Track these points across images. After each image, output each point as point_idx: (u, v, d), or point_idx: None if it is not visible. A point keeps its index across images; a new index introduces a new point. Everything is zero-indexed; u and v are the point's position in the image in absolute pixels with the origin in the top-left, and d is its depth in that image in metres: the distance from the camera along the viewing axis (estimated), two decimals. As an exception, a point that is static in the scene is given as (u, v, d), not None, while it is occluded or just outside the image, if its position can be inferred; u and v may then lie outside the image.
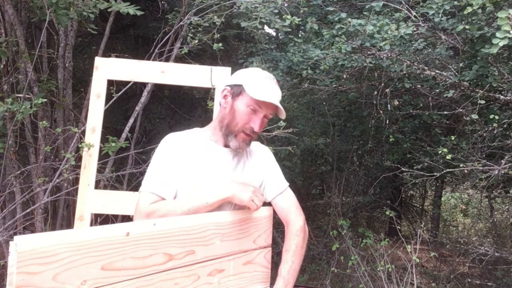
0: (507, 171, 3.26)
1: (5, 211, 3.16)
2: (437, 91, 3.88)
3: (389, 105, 4.04)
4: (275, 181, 1.56)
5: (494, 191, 4.96)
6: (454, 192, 8.39)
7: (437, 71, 3.63)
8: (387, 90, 3.82)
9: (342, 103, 5.84)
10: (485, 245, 4.23)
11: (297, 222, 1.52)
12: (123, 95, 3.37)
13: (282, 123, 3.12)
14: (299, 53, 4.01)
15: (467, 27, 2.98)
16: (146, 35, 5.30)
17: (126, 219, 2.67)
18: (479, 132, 3.61)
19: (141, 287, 1.15)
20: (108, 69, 2.02)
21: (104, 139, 2.85)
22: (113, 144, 3.12)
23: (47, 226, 3.46)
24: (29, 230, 3.53)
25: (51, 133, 3.61)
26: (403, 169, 4.09)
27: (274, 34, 6.62)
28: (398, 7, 3.55)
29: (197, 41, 3.46)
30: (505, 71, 3.28)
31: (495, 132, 3.37)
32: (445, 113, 4.03)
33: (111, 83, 2.33)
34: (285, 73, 4.25)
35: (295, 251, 1.46)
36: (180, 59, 3.78)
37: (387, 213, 4.47)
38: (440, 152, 3.47)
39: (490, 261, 4.16)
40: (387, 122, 4.10)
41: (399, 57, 3.57)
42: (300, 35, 5.00)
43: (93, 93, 2.01)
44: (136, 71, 2.07)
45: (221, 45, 3.31)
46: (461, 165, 3.41)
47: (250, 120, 1.40)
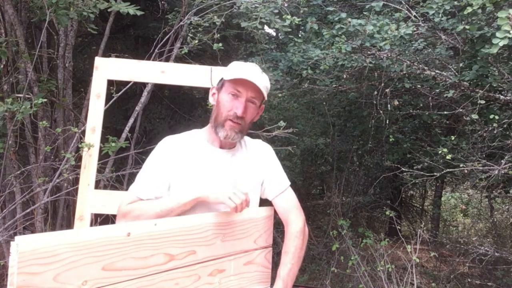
0: (507, 171, 3.26)
1: (5, 211, 3.15)
2: (437, 91, 3.88)
3: (389, 105, 4.04)
4: (275, 180, 1.55)
5: (494, 191, 4.96)
6: (454, 192, 8.38)
7: (437, 71, 3.63)
8: (387, 90, 3.81)
9: (342, 103, 5.84)
10: (485, 245, 4.23)
11: (297, 223, 1.50)
12: (123, 95, 3.37)
13: (282, 123, 3.12)
14: (299, 53, 4.00)
15: (467, 27, 2.98)
16: (146, 35, 5.30)
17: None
18: (479, 132, 3.61)
19: (142, 287, 1.16)
20: (108, 69, 2.02)
21: (104, 139, 2.85)
22: (113, 144, 3.12)
23: (47, 226, 3.46)
24: (29, 230, 3.53)
25: (51, 133, 3.61)
26: (403, 169, 4.09)
27: (274, 34, 6.62)
28: (398, 7, 3.55)
29: (197, 41, 3.46)
30: (505, 71, 3.28)
31: (495, 132, 3.37)
32: (445, 113, 4.03)
33: (111, 83, 2.33)
34: (285, 73, 4.25)
35: (294, 253, 1.45)
36: (180, 59, 3.77)
37: (387, 213, 4.47)
38: (440, 152, 3.47)
39: (490, 261, 4.16)
40: (387, 122, 4.10)
41: (399, 57, 3.57)
42: (300, 35, 5.00)
43: (93, 93, 2.01)
44: (136, 71, 2.07)
45: (221, 45, 3.31)
46: (461, 165, 3.41)
47: (233, 106, 1.40)
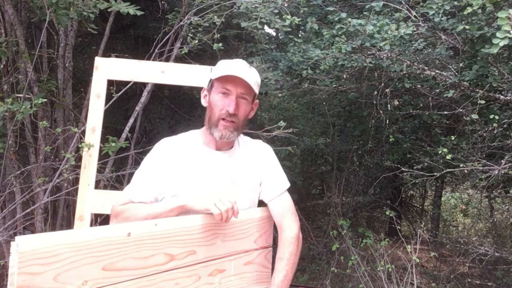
0: (507, 171, 3.26)
1: (5, 211, 3.15)
2: (437, 91, 3.88)
3: (389, 105, 4.03)
4: (273, 183, 1.54)
5: (494, 191, 4.96)
6: (454, 192, 8.38)
7: (437, 71, 3.63)
8: (387, 90, 3.81)
9: (342, 103, 5.84)
10: (485, 245, 4.23)
11: (292, 229, 1.49)
12: (123, 95, 3.37)
13: (282, 123, 3.12)
14: (299, 53, 4.00)
15: (467, 27, 2.98)
16: (146, 35, 5.29)
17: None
18: (479, 132, 3.61)
19: (142, 287, 1.16)
20: (108, 69, 2.02)
21: (104, 139, 2.85)
22: (113, 144, 3.12)
23: (47, 226, 3.46)
24: (29, 230, 3.53)
25: (51, 133, 3.60)
26: (403, 169, 4.09)
27: (274, 34, 6.62)
28: (398, 7, 3.55)
29: (197, 41, 3.46)
30: (505, 71, 3.28)
31: (495, 132, 3.37)
32: (445, 113, 4.03)
33: (111, 83, 2.32)
34: (285, 73, 4.25)
35: (289, 259, 1.44)
36: (180, 59, 3.77)
37: (387, 213, 4.46)
38: (440, 152, 3.47)
39: (490, 261, 4.16)
40: (387, 122, 4.10)
41: (399, 57, 3.57)
42: (300, 35, 5.00)
43: (93, 93, 2.01)
44: (136, 71, 2.07)
45: (221, 45, 3.31)
46: (461, 165, 3.41)
47: (224, 104, 1.40)
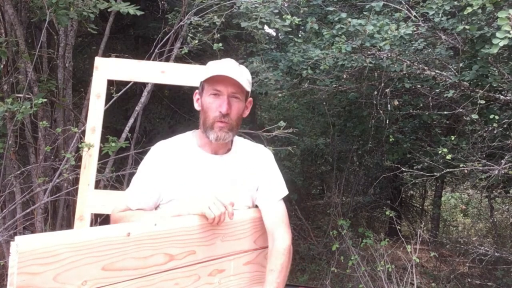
0: (507, 171, 3.26)
1: (5, 211, 3.15)
2: (437, 91, 3.88)
3: (389, 105, 4.03)
4: (268, 190, 1.51)
5: (494, 191, 4.95)
6: (454, 192, 8.37)
7: (437, 71, 3.63)
8: (387, 90, 3.81)
9: (342, 103, 5.84)
10: (485, 245, 4.23)
11: (285, 239, 1.44)
12: (123, 95, 3.37)
13: (282, 123, 3.12)
14: (299, 53, 4.00)
15: (467, 27, 2.98)
16: (146, 35, 5.30)
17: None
18: (479, 132, 3.61)
19: (141, 287, 1.16)
20: (108, 69, 2.02)
21: (104, 139, 2.85)
22: (113, 144, 3.12)
23: (47, 226, 3.46)
24: (29, 230, 3.53)
25: (51, 133, 3.60)
26: (403, 169, 4.09)
27: (274, 34, 6.62)
28: (398, 7, 3.55)
29: (197, 41, 3.46)
30: (505, 71, 3.28)
31: (495, 132, 3.37)
32: (445, 113, 4.03)
33: (111, 83, 2.32)
34: (285, 73, 4.25)
35: (281, 272, 1.39)
36: (180, 59, 3.77)
37: (387, 213, 4.46)
38: (440, 152, 3.47)
39: (490, 261, 4.16)
40: (387, 122, 4.10)
41: (399, 57, 3.57)
42: (300, 35, 5.00)
43: (93, 93, 2.01)
44: (136, 71, 2.06)
45: (221, 45, 3.31)
46: (461, 165, 3.41)
47: (216, 106, 1.39)
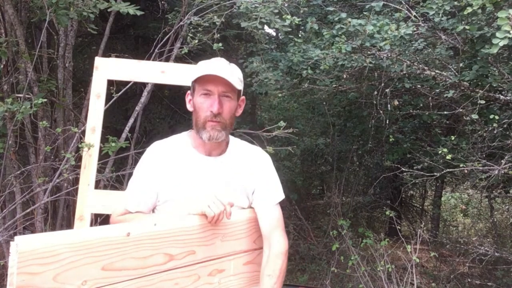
0: (507, 171, 3.25)
1: (5, 211, 3.15)
2: (437, 91, 3.88)
3: (389, 105, 4.03)
4: (265, 194, 1.51)
5: (494, 191, 4.95)
6: (454, 192, 8.37)
7: (437, 71, 3.63)
8: (387, 90, 3.81)
9: (342, 103, 5.83)
10: (485, 245, 4.22)
11: (281, 244, 1.45)
12: (123, 95, 3.36)
13: (282, 123, 3.12)
14: (299, 53, 4.00)
15: (467, 27, 2.98)
16: (146, 35, 5.30)
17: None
18: (479, 132, 3.61)
19: (141, 287, 1.16)
20: (108, 69, 2.02)
21: (104, 139, 2.85)
22: (113, 144, 3.12)
23: (47, 226, 3.46)
24: (29, 230, 3.53)
25: (51, 133, 3.60)
26: (403, 169, 4.09)
27: (274, 34, 6.62)
28: (398, 7, 3.55)
29: (197, 41, 3.46)
30: (505, 71, 3.27)
31: (495, 132, 3.37)
32: (445, 113, 4.02)
33: (111, 83, 2.32)
34: (285, 73, 4.25)
35: (279, 276, 1.41)
36: (180, 59, 3.77)
37: (387, 213, 4.46)
38: (440, 152, 3.47)
39: (490, 261, 4.15)
40: (387, 122, 4.10)
41: (399, 57, 3.57)
42: (300, 35, 4.99)
43: (93, 93, 2.01)
44: (136, 71, 2.07)
45: (221, 45, 3.31)
46: (461, 165, 3.41)
47: (207, 106, 1.38)
